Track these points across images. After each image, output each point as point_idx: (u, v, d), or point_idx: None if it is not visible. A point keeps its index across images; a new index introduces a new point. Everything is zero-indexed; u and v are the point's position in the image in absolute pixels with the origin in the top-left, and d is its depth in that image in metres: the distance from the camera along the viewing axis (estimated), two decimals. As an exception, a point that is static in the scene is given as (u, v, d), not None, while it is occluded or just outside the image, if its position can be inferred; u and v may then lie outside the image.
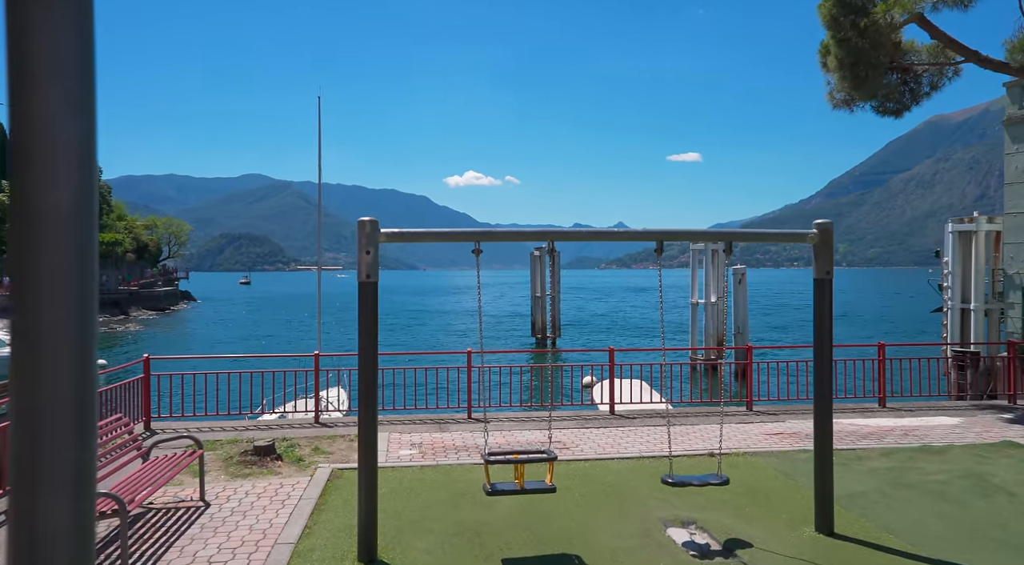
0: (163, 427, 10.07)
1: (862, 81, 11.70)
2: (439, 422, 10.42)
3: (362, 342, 5.46)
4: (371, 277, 5.67)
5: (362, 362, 5.31)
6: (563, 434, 9.65)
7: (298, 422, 10.41)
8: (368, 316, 5.50)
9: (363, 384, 5.55)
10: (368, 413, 5.60)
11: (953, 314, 20.13)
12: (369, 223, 5.65)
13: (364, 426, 5.43)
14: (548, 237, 5.97)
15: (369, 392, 5.58)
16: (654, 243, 5.68)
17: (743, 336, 30.03)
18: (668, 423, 6.75)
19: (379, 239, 5.59)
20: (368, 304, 5.62)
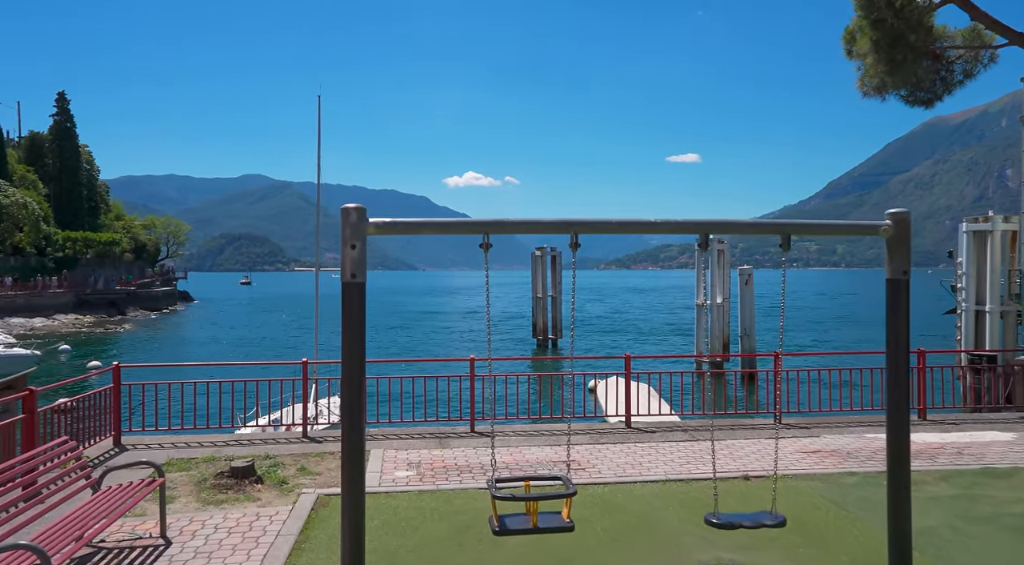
0: (135, 442, 9.13)
1: (898, 65, 10.77)
2: (439, 436, 9.47)
3: (346, 353, 4.34)
4: (357, 276, 4.47)
5: (346, 376, 4.26)
6: (576, 451, 8.71)
7: (284, 437, 9.47)
8: (354, 322, 4.38)
9: (347, 405, 4.41)
10: (353, 438, 4.48)
11: (967, 316, 19.41)
12: (355, 211, 4.49)
13: (348, 453, 4.43)
14: (571, 228, 4.91)
15: (354, 414, 4.41)
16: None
17: (750, 338, 29.17)
18: (712, 439, 5.76)
19: (367, 231, 4.44)
20: (353, 308, 4.44)
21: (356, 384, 4.26)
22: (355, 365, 4.21)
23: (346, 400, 4.20)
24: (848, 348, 36.35)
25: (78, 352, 36.45)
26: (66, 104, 76.85)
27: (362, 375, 4.34)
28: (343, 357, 4.16)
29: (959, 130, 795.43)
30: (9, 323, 52.28)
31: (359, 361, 4.32)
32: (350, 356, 4.27)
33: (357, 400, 4.29)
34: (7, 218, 60.74)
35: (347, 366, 4.27)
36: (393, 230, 4.26)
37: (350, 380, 4.33)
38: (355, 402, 4.30)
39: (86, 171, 79.43)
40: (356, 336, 4.29)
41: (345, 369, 4.28)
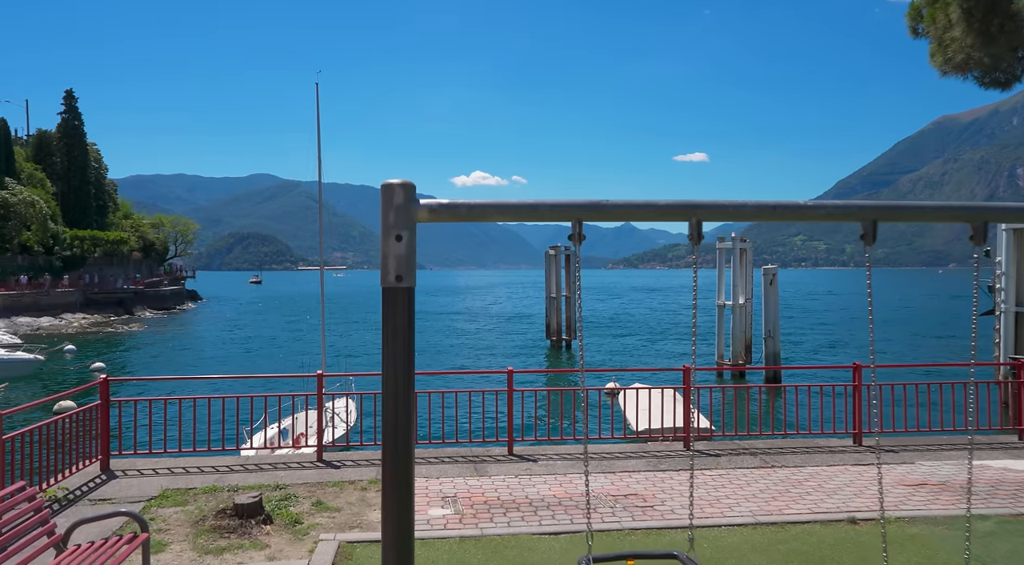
0: (126, 466, 7.96)
1: (994, 36, 9.43)
2: (473, 460, 8.26)
3: (388, 380, 2.92)
4: (403, 279, 3.00)
5: (388, 409, 2.91)
6: (634, 480, 7.49)
7: (296, 460, 8.28)
8: (399, 336, 2.96)
9: (392, 440, 2.95)
10: (399, 478, 3.00)
11: (1007, 318, 18.24)
12: (401, 189, 3.03)
13: (394, 502, 3.07)
14: (692, 213, 3.55)
15: (401, 460, 2.97)
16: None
17: (774, 341, 27.95)
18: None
19: (417, 216, 2.99)
20: (398, 320, 2.97)
21: (404, 417, 2.88)
22: (401, 391, 2.83)
23: (390, 428, 2.86)
24: (892, 355, 34.93)
25: (83, 353, 35.51)
26: (74, 102, 76.20)
27: (410, 402, 2.87)
28: (384, 377, 2.72)
29: (969, 129, 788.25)
30: (16, 322, 51.52)
31: (406, 387, 2.88)
32: (396, 379, 2.90)
33: (406, 432, 2.93)
34: (15, 216, 60.07)
35: (391, 392, 2.91)
36: (453, 215, 2.89)
37: (397, 410, 2.97)
38: (403, 438, 2.92)
39: (94, 169, 78.79)
40: (402, 350, 2.84)
41: (388, 394, 2.87)
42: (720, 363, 30.06)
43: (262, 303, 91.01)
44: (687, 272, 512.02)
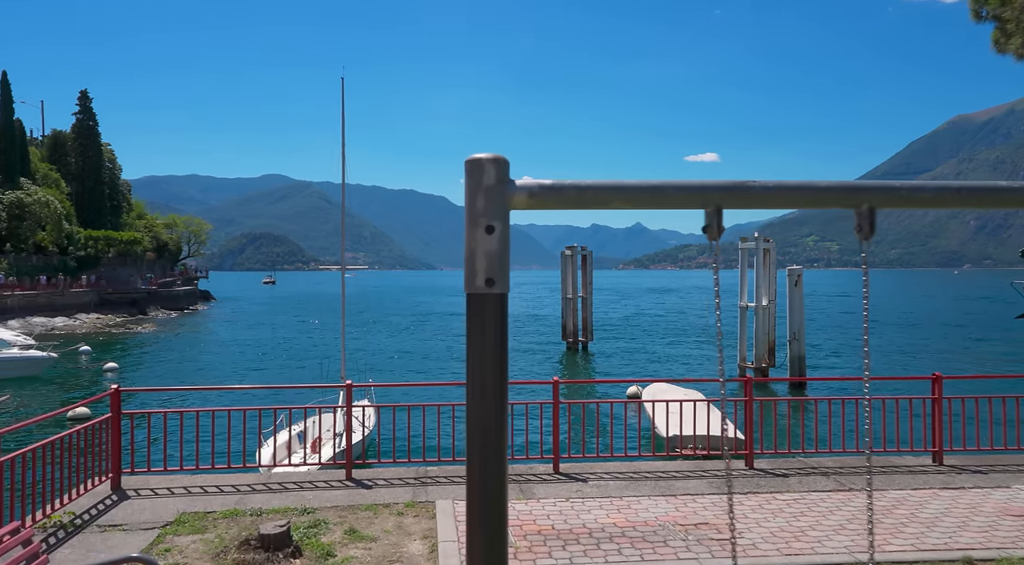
0: (139, 485, 7.29)
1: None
2: (516, 480, 7.52)
3: (475, 409, 2.05)
4: (495, 283, 2.17)
5: (476, 451, 1.98)
6: (701, 505, 6.72)
7: (323, 479, 7.57)
8: (488, 360, 2.15)
9: (480, 496, 2.08)
10: (490, 545, 2.03)
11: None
12: (492, 165, 2.20)
13: (482, 551, 2.09)
14: (862, 199, 2.75)
15: (492, 519, 2.10)
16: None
17: (799, 343, 27.14)
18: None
19: (513, 202, 2.15)
20: (488, 335, 2.12)
21: (496, 459, 2.06)
22: (493, 426, 2.01)
23: (477, 476, 2.06)
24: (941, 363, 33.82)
25: (96, 354, 35.16)
26: (89, 102, 76.28)
27: (503, 443, 2.04)
28: (472, 405, 1.90)
29: (984, 128, 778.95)
30: (30, 322, 51.41)
31: (498, 417, 2.05)
32: (482, 403, 2.10)
33: (497, 482, 2.13)
34: (30, 216, 60.07)
35: (479, 420, 2.10)
36: (559, 199, 2.06)
37: (485, 454, 2.17)
38: (494, 489, 2.12)
39: (108, 170, 78.85)
40: (493, 373, 2.01)
41: (476, 430, 2.06)
42: (743, 365, 29.28)
43: (276, 304, 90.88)
44: (699, 273, 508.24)
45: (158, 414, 7.58)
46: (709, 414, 8.82)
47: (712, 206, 1.73)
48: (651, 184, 1.98)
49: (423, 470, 7.83)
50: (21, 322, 50.36)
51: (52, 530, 5.98)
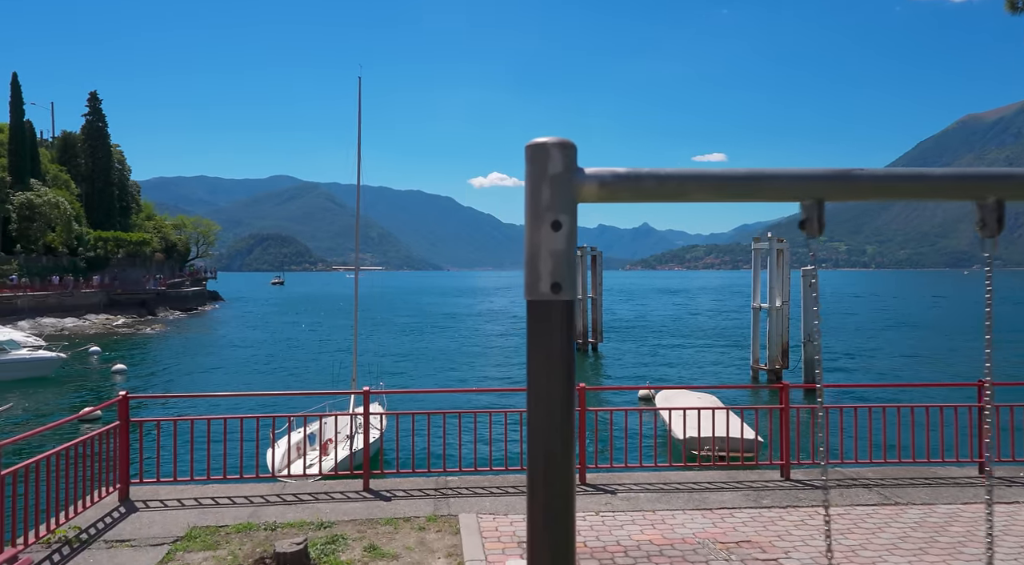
0: (148, 496, 6.97)
1: None
2: (542, 492, 7.15)
3: (539, 433, 1.61)
4: (562, 289, 1.78)
5: (538, 478, 1.52)
6: (739, 521, 6.34)
7: (340, 490, 7.23)
8: (557, 374, 1.73)
9: (542, 509, 1.65)
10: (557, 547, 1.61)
11: None
12: (558, 151, 1.80)
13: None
14: (988, 191, 2.35)
15: (559, 521, 1.66)
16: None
17: (813, 345, 26.76)
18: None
19: (581, 193, 1.75)
20: (554, 348, 1.72)
21: (562, 489, 1.71)
22: (558, 447, 1.65)
23: (542, 487, 1.65)
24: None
25: (105, 354, 35.07)
26: (98, 104, 76.50)
27: (570, 471, 1.68)
28: (535, 427, 1.53)
29: (995, 128, 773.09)
30: (40, 323, 51.48)
31: (564, 442, 1.69)
32: (548, 422, 1.73)
33: (564, 518, 1.76)
34: (40, 218, 60.24)
35: (542, 441, 1.74)
36: (635, 190, 1.61)
37: (549, 482, 1.81)
38: (560, 528, 1.75)
39: (118, 171, 79.06)
40: (560, 389, 1.65)
41: (539, 452, 1.68)
42: (756, 367, 28.87)
43: (285, 304, 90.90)
44: (706, 273, 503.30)
45: (167, 422, 7.27)
46: (730, 420, 8.41)
47: (811, 198, 1.33)
48: (742, 173, 1.57)
49: (443, 480, 7.49)
50: (31, 323, 50.43)
51: (56, 546, 5.67)
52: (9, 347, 28.23)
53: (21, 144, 62.80)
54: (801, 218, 1.66)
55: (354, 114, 16.91)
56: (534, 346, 1.33)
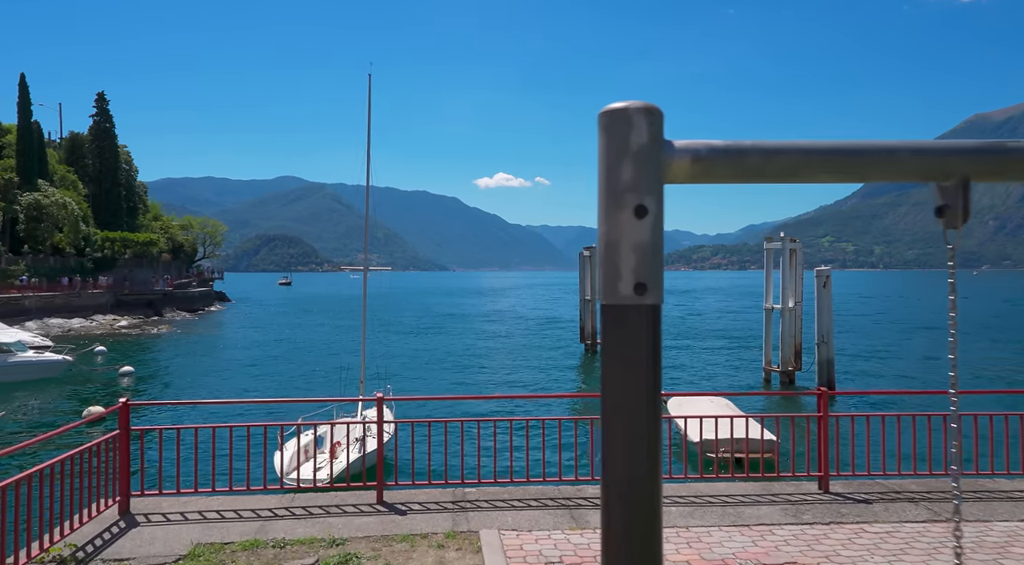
0: (150, 509, 6.59)
1: None
2: (567, 505, 6.73)
3: (615, 459, 1.14)
4: (648, 289, 1.38)
5: (615, 503, 1.14)
6: (781, 538, 5.90)
7: (352, 503, 6.83)
8: (642, 391, 1.33)
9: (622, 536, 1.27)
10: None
11: None
12: (643, 117, 1.37)
13: None
14: None
15: (645, 545, 1.28)
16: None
17: (828, 346, 26.30)
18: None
19: (671, 172, 1.33)
20: (638, 362, 1.33)
21: (649, 513, 1.30)
22: (642, 469, 1.24)
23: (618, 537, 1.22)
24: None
25: (112, 355, 34.89)
26: (105, 105, 76.58)
27: (657, 495, 1.26)
28: (610, 459, 1.14)
29: (1003, 127, 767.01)
30: (47, 324, 51.42)
31: (650, 468, 1.28)
32: (627, 441, 1.29)
33: (651, 519, 1.31)
34: (47, 218, 60.25)
35: (621, 462, 1.26)
36: (734, 168, 1.26)
37: (628, 502, 1.38)
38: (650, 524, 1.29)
39: (125, 171, 79.11)
40: (646, 408, 1.27)
41: (619, 476, 1.20)
42: (768, 369, 28.41)
43: (292, 305, 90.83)
44: (712, 274, 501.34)
45: (171, 430, 6.89)
46: (749, 424, 7.98)
47: (955, 177, 1.06)
48: (871, 147, 1.29)
49: (460, 492, 7.08)
50: (39, 323, 50.36)
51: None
52: (17, 349, 28.07)
53: (29, 145, 62.84)
54: (938, 203, 1.22)
55: (361, 115, 16.58)
56: (613, 357, 1.01)
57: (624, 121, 1.12)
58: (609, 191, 1.23)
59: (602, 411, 1.07)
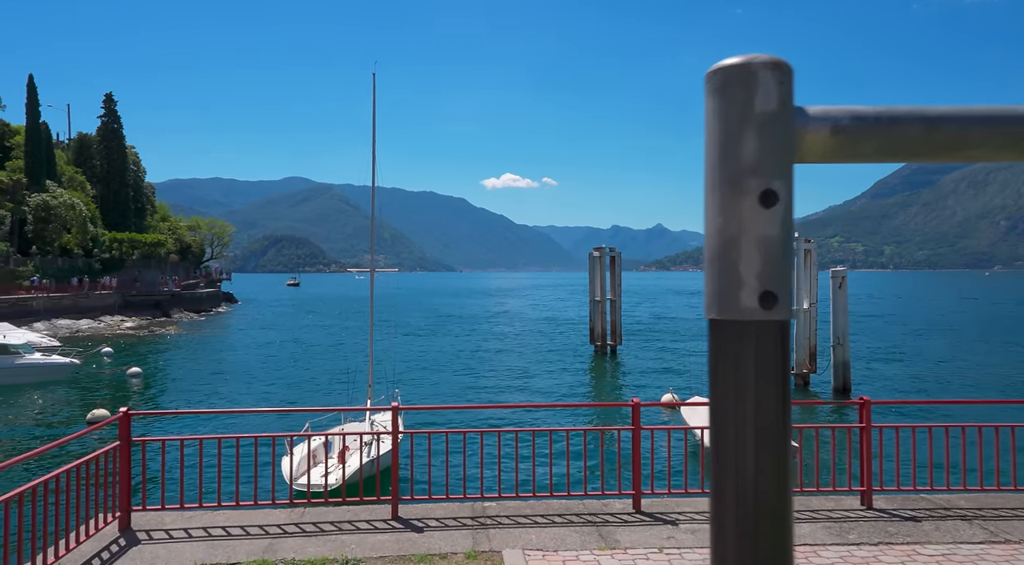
0: (151, 524, 6.22)
1: None
2: (594, 522, 6.32)
3: (737, 507, 0.80)
4: (776, 300, 1.00)
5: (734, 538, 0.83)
6: (827, 561, 5.47)
7: (365, 518, 6.44)
8: (766, 425, 0.97)
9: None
10: None
11: None
12: (770, 72, 0.99)
13: None
14: None
15: None
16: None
17: (843, 348, 25.85)
18: None
19: (804, 146, 0.96)
20: (764, 395, 0.96)
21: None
22: (772, 509, 0.84)
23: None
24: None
25: (120, 357, 34.70)
26: (113, 106, 76.65)
27: (789, 536, 0.84)
28: (721, 504, 0.79)
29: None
30: (56, 325, 51.41)
31: (779, 504, 0.85)
32: (754, 503, 0.91)
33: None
34: (56, 219, 60.31)
35: (751, 504, 0.91)
36: (887, 141, 0.93)
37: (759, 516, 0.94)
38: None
39: (133, 172, 79.20)
40: (775, 440, 0.87)
41: (749, 521, 0.83)
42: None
43: (300, 306, 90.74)
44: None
45: (173, 441, 6.52)
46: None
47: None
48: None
49: (479, 507, 6.68)
50: (47, 324, 50.34)
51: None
52: (24, 351, 27.94)
53: (37, 146, 62.93)
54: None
55: (368, 115, 16.23)
56: (725, 387, 0.81)
57: (745, 80, 0.83)
58: (724, 173, 0.90)
59: (714, 453, 0.83)
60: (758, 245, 0.84)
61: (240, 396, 24.81)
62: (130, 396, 25.49)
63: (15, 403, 23.38)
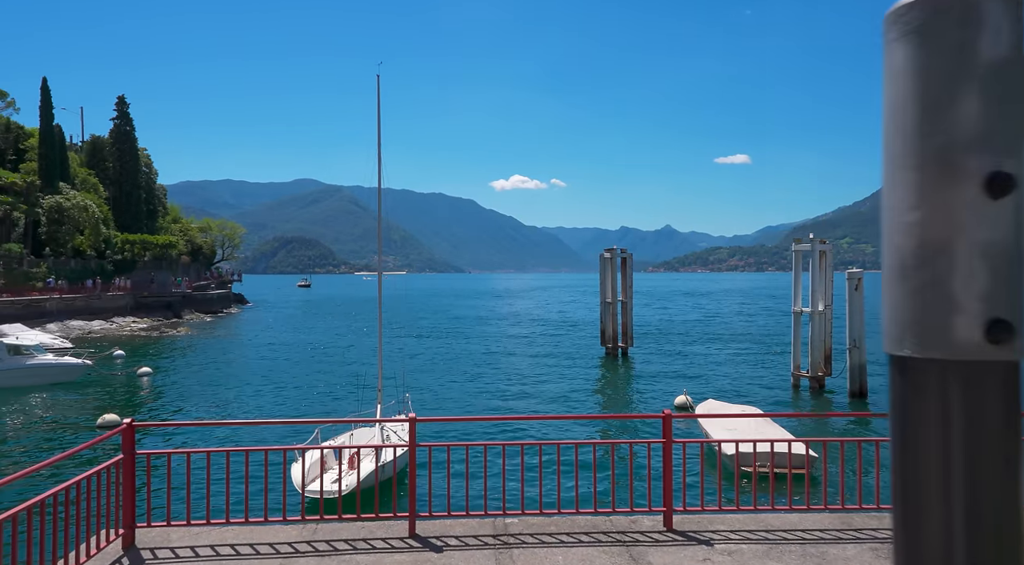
0: (157, 541, 5.91)
1: None
2: (623, 541, 5.94)
3: None
4: (1013, 334, 0.77)
5: None
6: (879, 587, 5.07)
7: (380, 536, 6.10)
8: (998, 501, 0.74)
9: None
10: None
11: None
12: (998, 5, 0.71)
13: None
14: None
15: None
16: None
17: (860, 350, 25.35)
18: None
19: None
20: (991, 461, 0.76)
21: None
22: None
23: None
24: None
25: (131, 358, 34.67)
26: (126, 108, 77.04)
27: None
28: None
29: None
30: (68, 326, 51.59)
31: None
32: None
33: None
34: (69, 221, 60.61)
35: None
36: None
37: None
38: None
39: (145, 174, 79.58)
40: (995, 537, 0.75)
41: None
42: (797, 374, 27.46)
43: (311, 308, 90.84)
44: (730, 275, 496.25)
45: (179, 454, 6.20)
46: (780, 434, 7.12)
47: None
48: None
49: (501, 523, 6.32)
50: (59, 326, 50.53)
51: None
52: (37, 352, 27.97)
53: (51, 148, 63.30)
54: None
55: (365, 114, 16.05)
56: (927, 450, 0.66)
57: (961, 17, 0.61)
58: (926, 150, 0.76)
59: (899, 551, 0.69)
60: (984, 253, 0.63)
61: (249, 399, 24.60)
62: (140, 398, 25.37)
63: (26, 404, 23.30)
